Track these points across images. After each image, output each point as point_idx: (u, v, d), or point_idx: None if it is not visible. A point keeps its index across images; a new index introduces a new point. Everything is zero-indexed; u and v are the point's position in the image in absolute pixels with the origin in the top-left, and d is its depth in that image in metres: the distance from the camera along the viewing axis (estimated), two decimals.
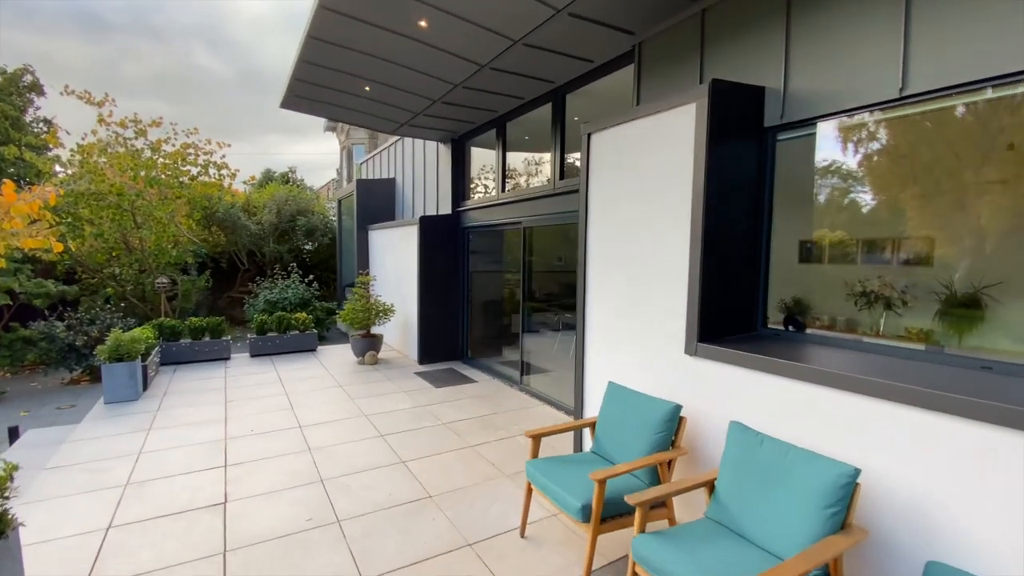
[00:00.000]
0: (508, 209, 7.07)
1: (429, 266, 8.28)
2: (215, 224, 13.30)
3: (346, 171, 26.52)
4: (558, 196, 6.01)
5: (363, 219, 10.95)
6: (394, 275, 9.39)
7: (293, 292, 11.68)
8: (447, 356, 8.59)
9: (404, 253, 8.91)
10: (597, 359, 4.28)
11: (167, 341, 8.21)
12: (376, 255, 10.67)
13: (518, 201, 6.81)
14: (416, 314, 8.37)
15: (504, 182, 7.29)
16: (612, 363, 4.11)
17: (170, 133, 11.83)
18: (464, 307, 8.59)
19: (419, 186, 9.95)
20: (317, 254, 14.92)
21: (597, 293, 4.24)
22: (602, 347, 4.21)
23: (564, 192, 5.87)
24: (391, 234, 9.63)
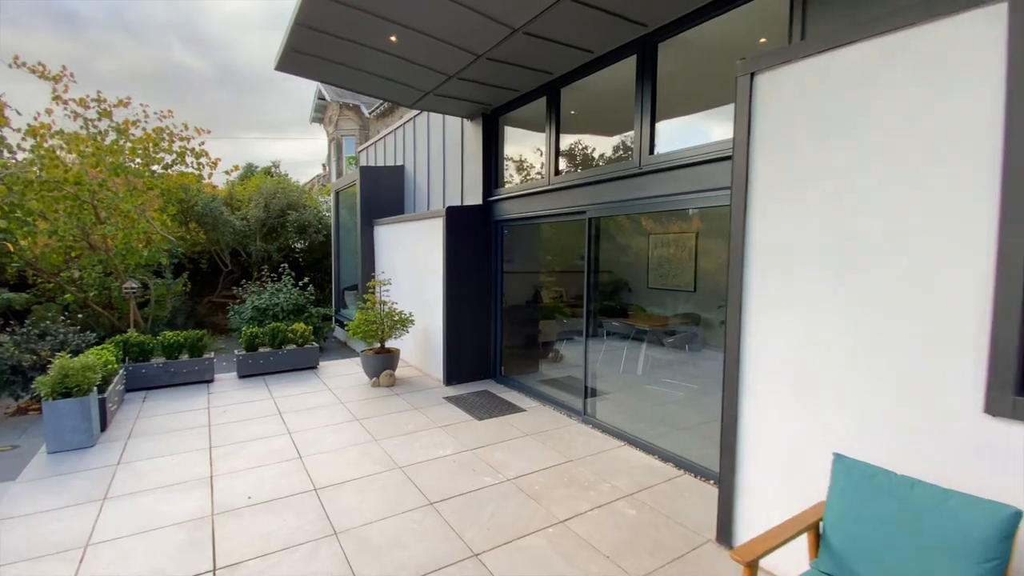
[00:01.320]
0: (564, 196, 5.70)
1: (457, 266, 6.87)
2: (193, 220, 11.69)
3: (335, 165, 24.87)
4: (647, 176, 4.65)
5: (368, 213, 9.47)
6: (409, 277, 7.95)
7: (285, 297, 10.17)
8: (477, 374, 7.20)
9: (424, 251, 7.48)
10: (769, 410, 2.93)
11: (135, 362, 6.68)
12: (384, 254, 9.21)
13: (581, 186, 5.45)
14: (441, 324, 6.96)
15: (557, 162, 5.91)
16: (802, 419, 2.76)
17: (140, 115, 10.23)
18: (496, 315, 7.21)
19: (436, 173, 8.52)
20: (309, 253, 13.37)
21: (772, 306, 2.89)
22: (781, 392, 2.86)
23: (661, 169, 4.51)
24: (405, 229, 8.18)
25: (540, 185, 6.08)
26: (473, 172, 7.36)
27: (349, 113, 23.97)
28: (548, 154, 5.97)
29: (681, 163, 4.27)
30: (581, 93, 5.75)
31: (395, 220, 8.60)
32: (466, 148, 7.54)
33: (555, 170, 5.89)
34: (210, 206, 11.43)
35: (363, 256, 9.53)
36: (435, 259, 7.10)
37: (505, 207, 6.84)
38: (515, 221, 6.78)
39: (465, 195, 7.63)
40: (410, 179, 9.59)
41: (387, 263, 8.92)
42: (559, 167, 5.90)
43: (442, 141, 8.26)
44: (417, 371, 7.70)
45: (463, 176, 7.65)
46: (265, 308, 9.95)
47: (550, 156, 5.93)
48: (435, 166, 8.56)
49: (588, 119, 5.97)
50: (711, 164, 4.01)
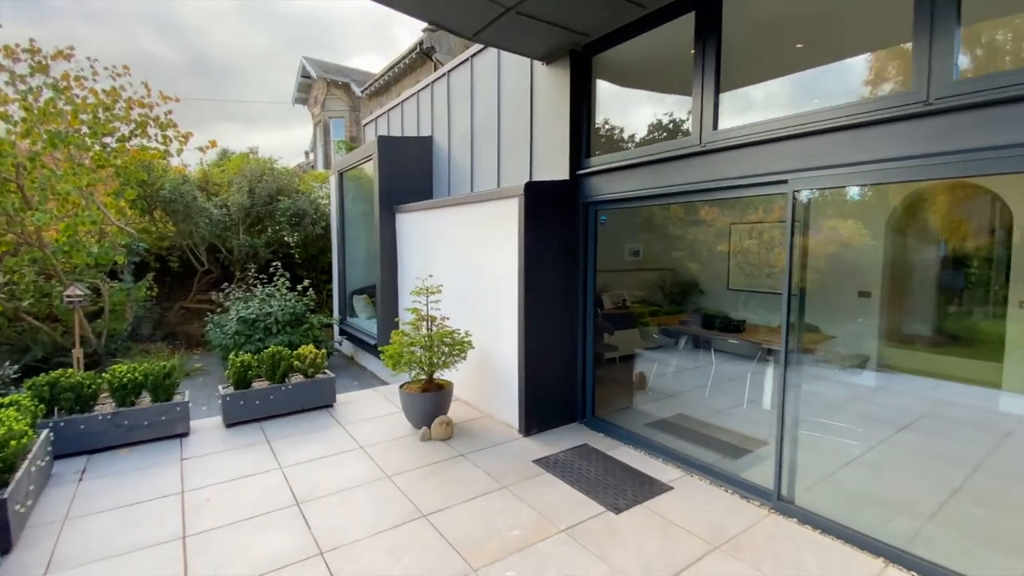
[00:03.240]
0: (737, 160, 3.72)
1: (538, 266, 4.85)
2: (159, 207, 9.39)
3: (321, 150, 22.45)
4: (938, 117, 2.69)
5: (388, 197, 7.34)
6: (457, 282, 5.88)
7: (279, 304, 8.02)
8: (561, 414, 5.21)
9: (483, 246, 5.43)
10: None
11: (69, 413, 4.50)
12: (413, 251, 7.11)
13: (776, 141, 3.47)
14: (514, 347, 4.94)
15: (717, 111, 3.90)
16: None
17: (87, 72, 7.92)
18: (585, 332, 5.21)
19: (487, 144, 6.43)
20: (303, 249, 11.16)
21: None
22: None
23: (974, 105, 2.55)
24: (450, 218, 6.10)
25: (683, 146, 4.08)
26: (550, 139, 5.32)
27: (337, 92, 21.55)
28: (699, 101, 3.96)
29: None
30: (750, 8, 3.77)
31: (432, 206, 6.50)
32: (539, 105, 5.48)
33: (714, 123, 3.89)
34: (180, 190, 9.14)
35: (383, 253, 7.40)
36: (504, 256, 5.06)
37: (604, 183, 4.83)
38: (621, 202, 4.77)
39: (536, 170, 5.58)
40: (442, 154, 7.48)
41: (418, 262, 6.83)
42: (718, 118, 3.90)
43: (495, 100, 6.17)
44: (471, 408, 5.66)
45: (532, 145, 5.60)
46: (254, 319, 7.80)
47: (702, 104, 3.93)
48: (484, 135, 6.48)
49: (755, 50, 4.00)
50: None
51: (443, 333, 4.93)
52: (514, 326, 4.96)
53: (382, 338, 7.45)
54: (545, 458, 4.41)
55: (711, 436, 4.86)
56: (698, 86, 3.93)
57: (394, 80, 18.27)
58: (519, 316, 4.85)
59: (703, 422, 5.29)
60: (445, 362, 4.88)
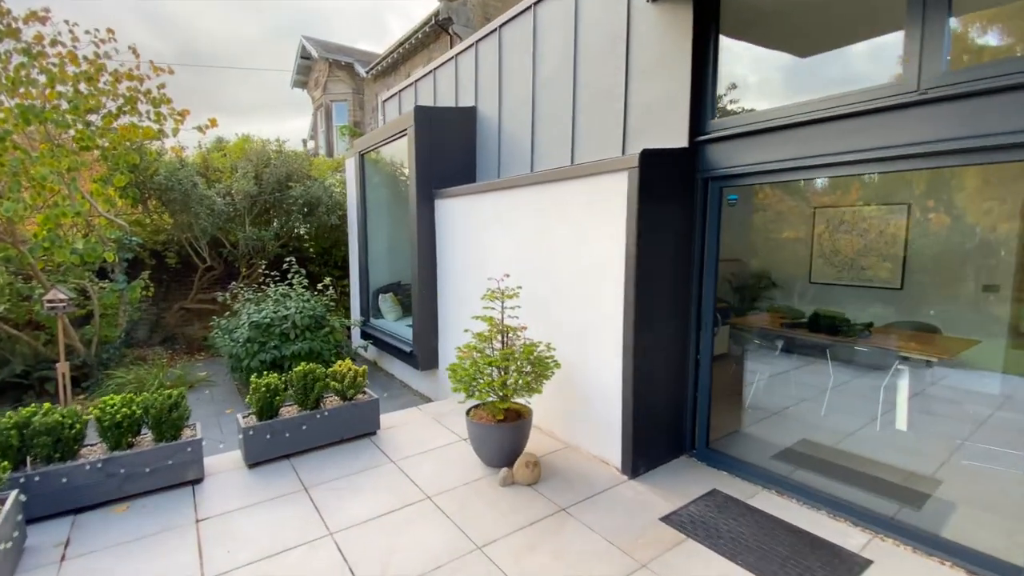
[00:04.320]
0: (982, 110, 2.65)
1: (649, 261, 3.78)
2: (153, 196, 8.23)
3: (323, 136, 21.20)
4: None
5: (427, 180, 6.23)
6: (528, 284, 4.80)
7: (297, 305, 6.95)
8: (669, 446, 4.17)
9: (563, 237, 4.35)
10: None
11: (46, 462, 3.42)
12: (456, 243, 6.03)
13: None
14: (617, 362, 3.88)
15: (945, 46, 2.82)
16: None
17: (66, 36, 6.76)
18: (698, 344, 4.17)
19: (553, 112, 5.32)
20: (315, 241, 10.03)
21: None
22: None
23: None
24: (515, 201, 5.00)
25: (888, 95, 3.00)
26: (654, 97, 4.23)
27: (340, 73, 20.26)
28: (918, 30, 2.87)
29: None
30: None
31: (485, 189, 5.39)
32: (638, 54, 4.37)
33: (942, 59, 2.81)
34: (177, 176, 7.98)
35: (420, 246, 6.30)
36: (597, 249, 3.99)
37: (738, 151, 3.76)
38: (763, 176, 3.70)
39: (631, 140, 4.49)
40: (489, 128, 6.36)
41: (465, 257, 5.74)
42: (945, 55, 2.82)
43: (571, 53, 5.05)
44: (547, 436, 4.60)
45: (627, 107, 4.49)
46: (268, 324, 6.72)
47: (923, 34, 2.84)
48: (551, 100, 5.37)
49: None
50: None
51: (528, 349, 3.85)
52: (613, 336, 3.90)
53: (420, 345, 6.39)
54: (674, 514, 3.37)
55: (864, 472, 3.84)
56: (917, 8, 2.84)
57: (403, 58, 17.02)
58: (624, 324, 3.79)
59: (840, 451, 4.27)
60: (529, 386, 3.81)
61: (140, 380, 7.03)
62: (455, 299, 6.06)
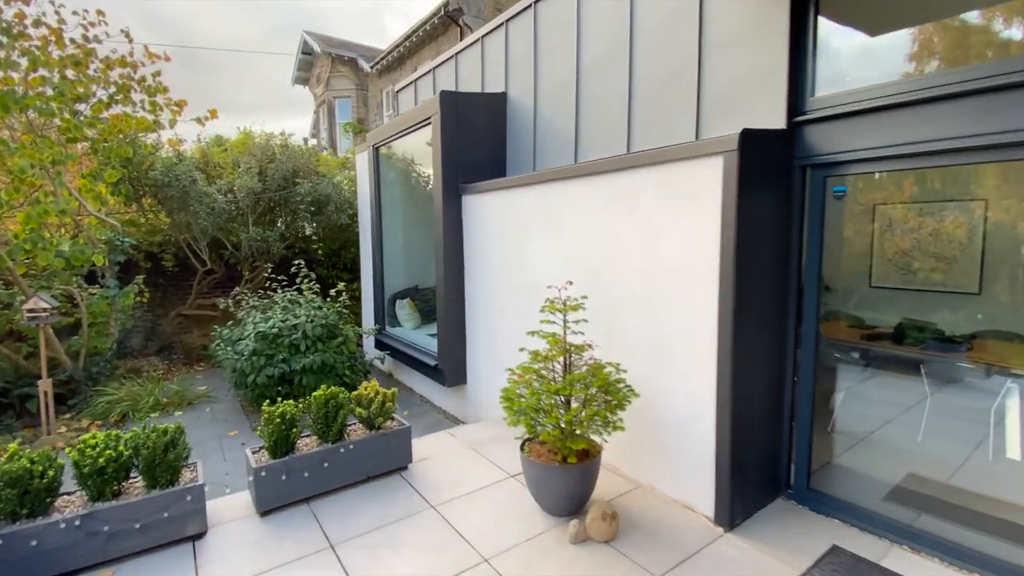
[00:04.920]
0: None
1: (747, 265, 3.11)
2: (148, 193, 7.54)
3: (326, 133, 20.51)
4: None
5: (453, 172, 5.56)
6: (576, 292, 4.12)
7: (307, 313, 6.28)
8: (762, 486, 3.50)
9: (634, 234, 3.67)
10: None
11: (11, 521, 2.74)
12: (488, 245, 5.35)
13: None
14: (706, 387, 3.21)
15: None
16: None
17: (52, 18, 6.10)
18: (797, 363, 3.51)
19: (604, 92, 4.64)
20: (325, 242, 9.35)
21: None
22: None
23: None
24: (562, 194, 4.32)
25: None
26: (738, 72, 3.57)
27: (343, 69, 19.57)
28: None
29: None
30: None
31: (527, 182, 4.71)
32: (716, 18, 3.70)
33: None
34: (175, 171, 7.29)
35: (446, 247, 5.63)
36: (675, 250, 3.32)
37: (850, 133, 3.10)
38: (884, 162, 3.05)
39: (706, 123, 3.82)
40: (522, 115, 5.69)
41: (502, 259, 5.07)
42: None
43: (626, 25, 4.36)
44: (620, 477, 3.91)
45: (701, 84, 3.82)
46: (276, 335, 6.05)
47: None
48: (601, 81, 4.70)
49: None
50: None
51: (600, 375, 3.17)
52: (699, 352, 3.23)
53: (445, 358, 5.71)
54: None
55: (999, 518, 3.18)
56: None
57: (410, 52, 16.35)
58: (719, 338, 3.12)
59: (958, 489, 3.60)
60: (607, 420, 3.12)
61: (133, 397, 6.35)
62: (486, 307, 5.38)
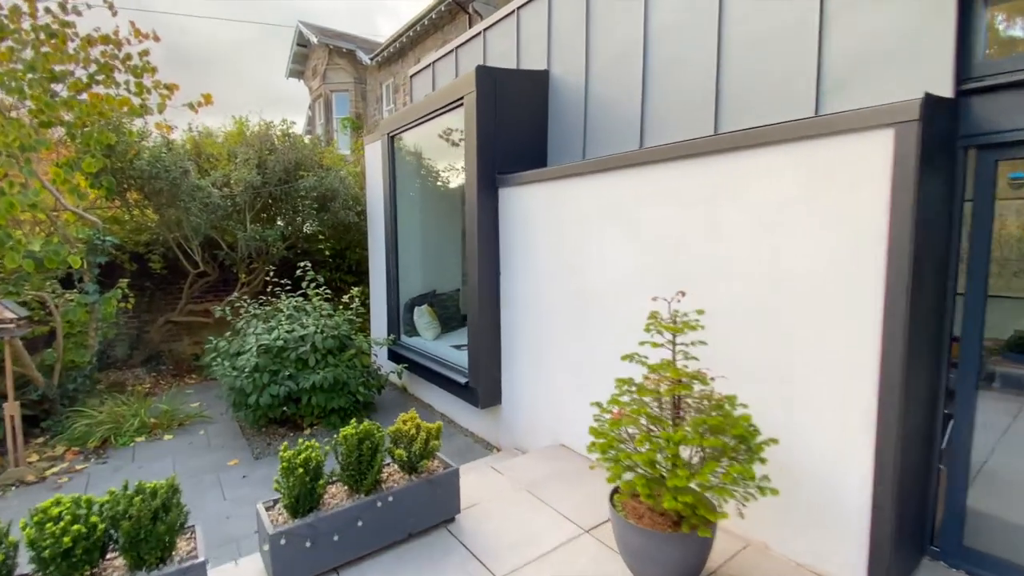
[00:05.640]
0: None
1: (918, 272, 2.41)
2: (134, 186, 6.72)
3: (322, 129, 19.64)
4: None
5: (489, 161, 4.81)
6: (659, 307, 3.39)
7: (317, 323, 5.52)
8: (908, 545, 2.79)
9: (748, 230, 2.94)
10: None
11: None
12: (534, 245, 4.61)
13: None
14: (866, 424, 2.50)
15: None
16: None
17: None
18: (944, 390, 2.80)
19: (686, 65, 3.91)
20: (330, 242, 8.56)
21: None
22: None
23: None
24: (644, 182, 3.58)
25: None
26: (875, 31, 2.86)
27: (341, 61, 18.72)
28: None
29: None
30: None
31: (595, 168, 3.96)
32: None
33: None
34: (163, 161, 6.48)
35: (480, 249, 4.88)
36: (813, 253, 2.61)
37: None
38: None
39: (827, 96, 3.11)
40: (567, 95, 4.95)
41: (551, 263, 4.32)
42: None
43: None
44: (722, 530, 3.19)
45: (822, 49, 3.11)
46: (281, 349, 5.29)
47: None
48: (670, 51, 3.98)
49: None
50: None
51: (739, 423, 2.42)
52: (849, 384, 2.52)
53: (479, 376, 4.96)
54: None
55: None
56: None
57: (412, 43, 15.57)
58: (882, 368, 2.40)
59: None
60: (750, 477, 2.37)
61: (116, 419, 5.54)
62: (528, 318, 4.64)
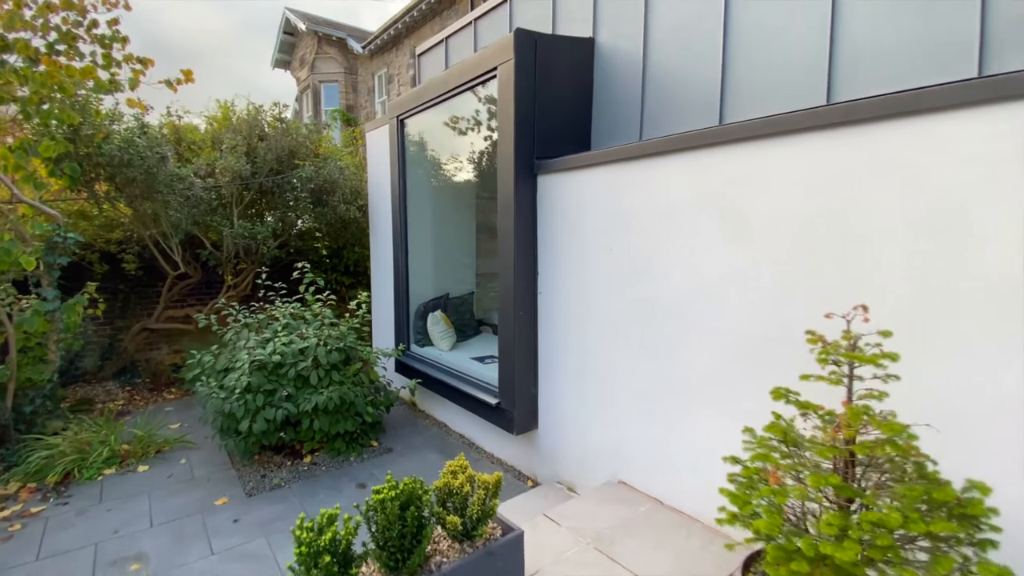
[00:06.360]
0: None
1: None
2: (103, 175, 5.84)
3: (311, 120, 18.65)
4: None
5: (527, 144, 4.07)
6: (794, 318, 2.68)
7: (319, 333, 4.75)
8: None
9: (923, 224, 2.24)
10: None
11: None
12: (586, 244, 3.87)
13: None
14: None
15: None
16: None
17: None
18: None
19: (779, 23, 3.22)
20: (328, 240, 7.73)
21: None
22: None
23: None
24: (755, 163, 2.86)
25: None
26: None
27: (330, 50, 17.79)
28: None
29: None
30: None
31: (680, 145, 3.23)
32: None
33: None
34: (136, 147, 5.62)
35: (517, 247, 4.13)
36: None
37: None
38: None
39: (993, 49, 2.43)
40: (618, 67, 4.22)
41: (608, 265, 3.59)
42: None
43: None
44: None
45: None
46: (278, 365, 4.50)
47: None
48: (759, 5, 3.28)
49: None
50: None
51: (943, 491, 1.72)
52: None
53: (512, 397, 4.22)
54: None
55: None
56: None
57: (408, 30, 14.75)
58: None
59: None
60: None
61: (81, 447, 4.70)
62: (575, 330, 3.90)
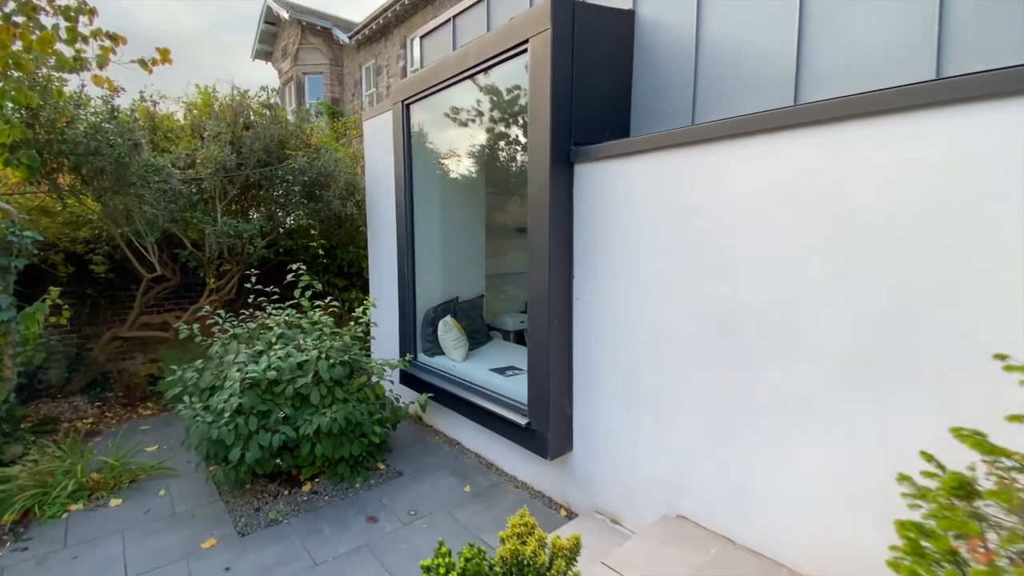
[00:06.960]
0: None
1: None
2: (67, 166, 5.14)
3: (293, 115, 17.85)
4: None
5: (564, 128, 3.56)
6: (944, 341, 2.21)
7: (319, 344, 4.16)
8: None
9: None
10: None
11: None
12: (635, 244, 3.37)
13: None
14: None
15: None
16: None
17: None
18: None
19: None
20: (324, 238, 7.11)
21: None
22: None
23: None
24: (897, 142, 2.39)
25: None
26: None
27: (315, 40, 17.02)
28: None
29: None
30: None
31: (775, 124, 2.72)
32: None
33: None
34: (105, 133, 4.95)
35: (552, 245, 3.62)
36: None
37: None
38: None
39: None
40: (663, 42, 3.73)
41: (671, 268, 3.09)
42: None
43: None
44: None
45: None
46: (273, 382, 3.91)
47: None
48: None
49: None
50: None
51: None
52: None
53: (545, 414, 3.70)
54: None
55: None
56: None
57: (398, 20, 14.12)
58: None
59: None
60: None
61: (42, 479, 4.05)
62: (619, 340, 3.40)
